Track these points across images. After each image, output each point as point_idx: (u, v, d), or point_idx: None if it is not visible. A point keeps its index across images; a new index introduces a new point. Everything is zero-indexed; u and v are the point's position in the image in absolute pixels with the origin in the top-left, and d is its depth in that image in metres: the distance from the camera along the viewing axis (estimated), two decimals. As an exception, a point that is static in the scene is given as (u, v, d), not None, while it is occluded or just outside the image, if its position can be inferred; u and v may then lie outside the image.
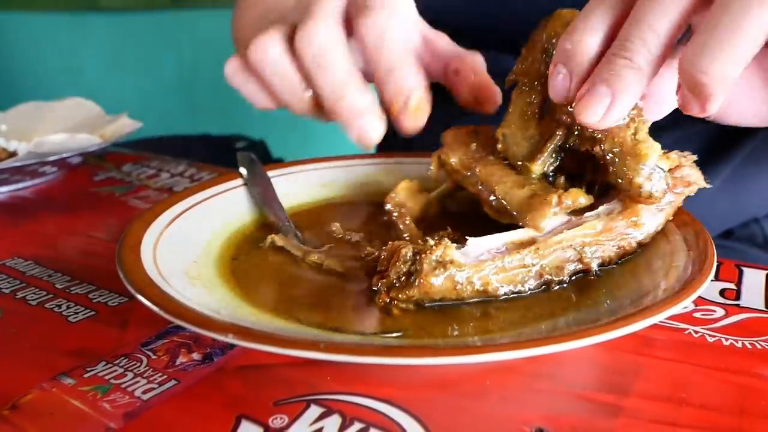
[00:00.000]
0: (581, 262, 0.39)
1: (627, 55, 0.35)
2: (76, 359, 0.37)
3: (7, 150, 0.76)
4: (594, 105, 0.36)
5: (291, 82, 0.44)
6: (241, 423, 0.32)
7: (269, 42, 0.43)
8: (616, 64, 0.35)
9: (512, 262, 0.38)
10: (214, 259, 0.45)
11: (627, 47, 0.35)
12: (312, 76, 0.43)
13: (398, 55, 0.43)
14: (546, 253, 0.38)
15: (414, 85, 0.43)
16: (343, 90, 0.42)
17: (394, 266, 0.38)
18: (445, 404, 0.33)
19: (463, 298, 0.38)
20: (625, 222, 0.40)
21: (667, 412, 0.32)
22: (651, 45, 0.35)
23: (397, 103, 0.43)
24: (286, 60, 0.44)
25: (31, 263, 0.51)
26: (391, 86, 0.43)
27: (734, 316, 0.40)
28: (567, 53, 0.37)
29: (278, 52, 0.44)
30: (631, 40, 0.35)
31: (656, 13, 0.34)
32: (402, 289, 0.37)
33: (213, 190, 0.51)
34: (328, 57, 0.42)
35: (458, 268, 0.37)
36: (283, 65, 0.44)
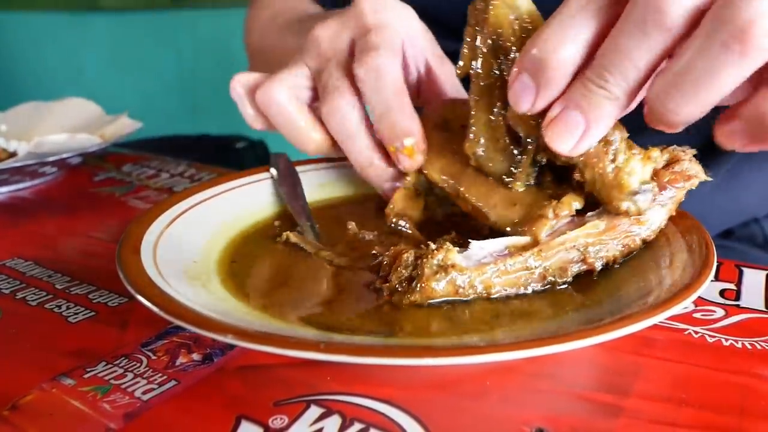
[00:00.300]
0: (585, 262, 0.39)
1: (604, 85, 0.33)
2: (76, 360, 0.37)
3: (7, 150, 0.77)
4: (566, 134, 0.35)
5: (297, 128, 0.48)
6: (241, 423, 0.32)
7: (276, 88, 0.47)
8: (592, 91, 0.34)
9: (515, 264, 0.38)
10: (214, 260, 0.45)
11: (605, 77, 0.33)
12: (340, 142, 0.47)
13: (391, 99, 0.44)
14: (549, 255, 0.38)
15: (407, 130, 0.44)
16: (371, 160, 0.47)
17: (396, 271, 0.38)
18: (445, 404, 0.33)
19: (465, 300, 0.38)
20: (628, 220, 0.39)
21: (667, 412, 0.32)
22: (630, 78, 0.33)
23: (393, 146, 0.45)
24: (294, 107, 0.47)
25: (31, 264, 0.51)
26: (386, 130, 0.44)
27: (734, 317, 0.40)
28: (536, 63, 0.34)
29: (285, 99, 0.47)
30: (609, 70, 0.33)
31: (639, 45, 0.32)
32: (404, 294, 0.37)
33: (213, 190, 0.51)
34: (350, 128, 0.46)
35: (459, 272, 0.37)
36: (288, 113, 0.47)
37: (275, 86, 0.47)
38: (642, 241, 0.40)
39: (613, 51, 0.33)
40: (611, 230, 0.39)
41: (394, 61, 0.45)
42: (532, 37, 0.35)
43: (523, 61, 0.35)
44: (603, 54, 0.33)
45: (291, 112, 0.47)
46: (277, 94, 0.47)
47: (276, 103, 0.47)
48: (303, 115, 0.47)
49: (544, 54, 0.34)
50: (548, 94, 0.35)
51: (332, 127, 0.46)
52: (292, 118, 0.47)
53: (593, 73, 0.33)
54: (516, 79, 0.36)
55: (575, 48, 0.34)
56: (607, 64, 0.33)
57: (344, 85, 0.45)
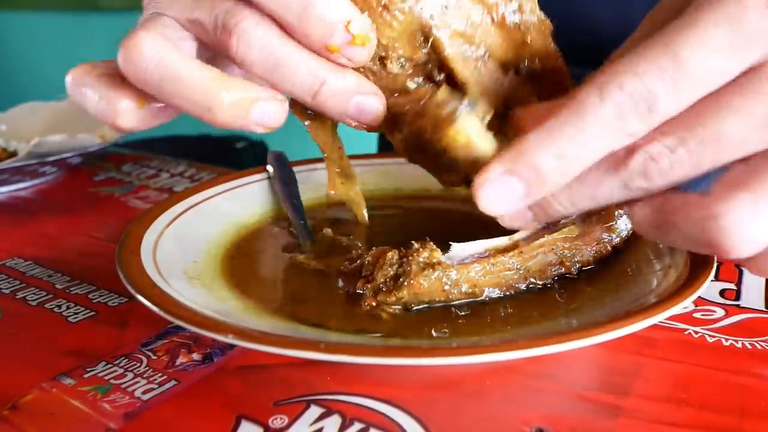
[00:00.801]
0: (563, 265, 0.40)
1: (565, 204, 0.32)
2: (76, 359, 0.37)
3: (7, 150, 0.77)
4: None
5: (199, 83, 0.34)
6: (241, 423, 0.32)
7: (146, 40, 0.34)
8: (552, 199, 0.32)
9: (497, 264, 0.38)
10: (214, 259, 0.45)
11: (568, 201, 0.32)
12: (272, 77, 0.35)
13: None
14: (529, 257, 0.39)
15: (342, 12, 0.33)
16: (321, 76, 0.34)
17: (381, 269, 0.38)
18: (445, 404, 0.33)
19: (451, 300, 0.38)
20: (601, 228, 0.41)
21: (667, 412, 0.32)
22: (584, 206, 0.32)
23: (333, 45, 0.34)
24: (182, 56, 0.34)
25: (31, 263, 0.51)
26: (315, 28, 0.33)
27: (734, 317, 0.40)
28: (534, 173, 0.30)
29: (165, 48, 0.34)
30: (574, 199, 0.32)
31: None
32: (389, 293, 0.37)
33: (213, 190, 0.51)
34: (275, 49, 0.34)
35: (445, 269, 0.37)
36: (178, 64, 0.34)
37: (142, 39, 0.34)
38: (612, 248, 0.42)
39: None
40: (585, 236, 0.41)
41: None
42: (535, 134, 0.30)
43: (516, 162, 0.30)
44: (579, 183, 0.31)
45: (180, 61, 0.34)
46: (150, 45, 0.33)
47: (155, 59, 0.33)
48: (199, 64, 0.34)
49: (550, 167, 0.30)
50: (533, 201, 0.32)
51: (253, 61, 0.34)
52: (187, 68, 0.34)
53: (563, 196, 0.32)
54: (498, 179, 0.31)
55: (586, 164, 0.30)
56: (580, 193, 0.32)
57: (238, 6, 0.34)
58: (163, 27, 0.35)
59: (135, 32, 0.34)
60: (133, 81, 0.34)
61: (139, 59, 0.33)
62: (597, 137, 0.29)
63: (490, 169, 0.31)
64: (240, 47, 0.34)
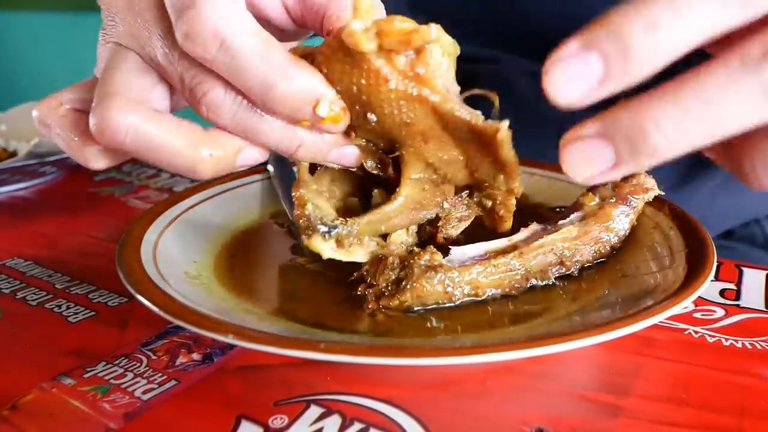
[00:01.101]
0: (563, 265, 0.40)
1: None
2: (76, 359, 0.37)
3: (7, 150, 0.77)
4: (588, 163, 0.28)
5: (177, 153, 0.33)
6: (241, 423, 0.32)
7: (119, 114, 0.32)
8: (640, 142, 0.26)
9: (498, 266, 0.39)
10: (214, 259, 0.45)
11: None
12: (247, 139, 0.35)
13: (259, 65, 0.31)
14: (529, 258, 0.39)
15: (310, 93, 0.32)
16: (296, 139, 0.34)
17: (382, 274, 0.38)
18: (445, 404, 0.33)
19: (453, 302, 0.38)
20: (598, 227, 0.42)
21: (667, 412, 0.32)
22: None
23: (303, 120, 0.33)
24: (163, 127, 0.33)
25: (31, 263, 0.51)
26: (282, 108, 0.32)
27: (734, 317, 0.40)
28: (619, 46, 0.25)
29: (137, 120, 0.33)
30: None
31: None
32: (392, 297, 0.37)
33: (213, 190, 0.51)
34: (243, 119, 0.34)
35: (447, 272, 0.37)
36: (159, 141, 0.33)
37: (115, 111, 0.32)
38: (611, 248, 0.42)
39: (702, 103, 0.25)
40: (583, 236, 0.41)
41: (233, 6, 0.31)
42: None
43: (595, 34, 0.25)
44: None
45: (157, 130, 0.33)
46: (122, 117, 0.32)
47: (131, 132, 0.32)
48: (176, 127, 0.33)
49: (636, 38, 0.24)
50: (616, 87, 0.26)
51: (225, 125, 0.34)
52: (165, 136, 0.33)
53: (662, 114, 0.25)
54: (573, 56, 0.26)
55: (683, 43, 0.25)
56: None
57: (203, 73, 0.33)
58: (129, 78, 0.34)
59: (104, 100, 0.33)
60: (109, 147, 0.34)
61: (114, 133, 0.32)
62: (703, 8, 0.24)
63: (567, 45, 0.26)
64: (210, 115, 0.34)
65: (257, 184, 0.54)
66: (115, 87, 0.33)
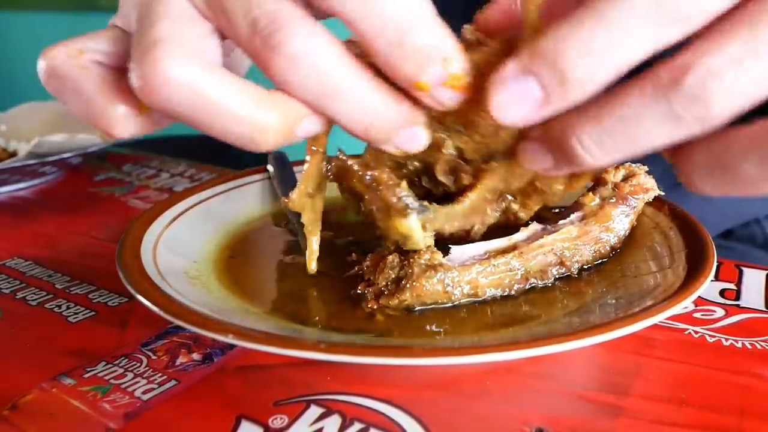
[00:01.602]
0: (563, 265, 0.40)
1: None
2: (76, 359, 0.37)
3: (7, 150, 0.77)
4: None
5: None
6: (241, 423, 0.32)
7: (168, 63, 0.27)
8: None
9: (498, 266, 0.38)
10: (214, 259, 0.45)
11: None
12: (318, 105, 0.29)
13: (403, 9, 0.27)
14: (529, 258, 0.39)
15: (444, 48, 0.28)
16: (376, 112, 0.29)
17: (382, 273, 0.38)
18: (445, 404, 0.33)
19: (453, 301, 0.38)
20: (598, 227, 0.42)
21: (667, 412, 0.32)
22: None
23: (423, 82, 0.28)
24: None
25: (31, 263, 0.51)
26: (408, 60, 0.28)
27: (734, 316, 0.40)
28: (554, 71, 0.25)
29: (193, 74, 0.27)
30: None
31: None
32: (392, 295, 0.37)
33: (213, 190, 0.51)
34: (333, 76, 0.28)
35: (447, 271, 0.37)
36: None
37: (166, 62, 0.27)
38: (611, 248, 0.42)
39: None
40: (583, 236, 0.41)
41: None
42: (555, 30, 0.25)
43: (533, 59, 0.25)
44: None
45: (216, 88, 0.27)
46: (177, 71, 0.27)
47: (185, 90, 0.27)
48: (237, 86, 0.28)
49: (570, 64, 0.25)
50: (556, 109, 0.26)
51: (297, 87, 0.28)
52: (225, 95, 0.27)
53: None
54: (513, 79, 0.26)
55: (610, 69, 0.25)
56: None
57: (285, 10, 0.27)
58: (179, 26, 0.28)
59: (152, 50, 0.27)
60: (155, 108, 0.28)
61: (166, 89, 0.27)
62: (636, 27, 0.24)
63: (506, 68, 0.26)
64: (283, 71, 0.27)
65: (257, 184, 0.54)
66: (164, 34, 0.27)
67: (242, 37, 0.28)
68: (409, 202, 0.36)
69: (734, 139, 0.25)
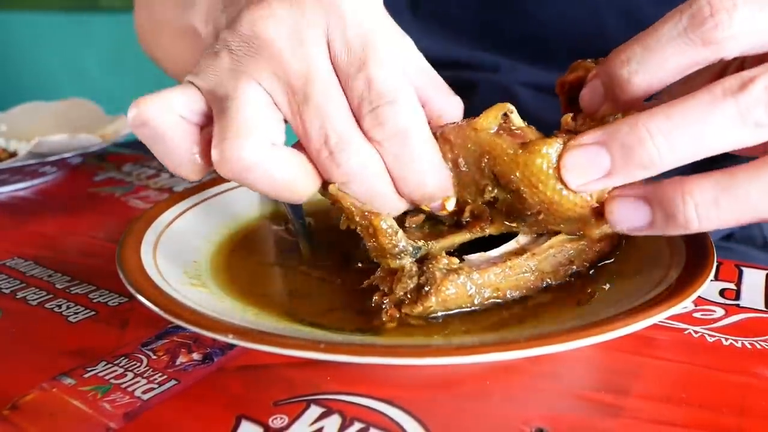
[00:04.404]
0: (573, 264, 0.40)
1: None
2: (76, 359, 0.37)
3: (7, 150, 0.77)
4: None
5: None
6: (241, 423, 0.32)
7: (249, 146, 0.33)
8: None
9: (514, 267, 0.38)
10: (214, 259, 0.45)
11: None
12: (363, 200, 0.36)
13: (421, 162, 0.35)
14: (542, 258, 0.39)
15: (443, 190, 0.37)
16: (398, 208, 0.37)
17: (400, 282, 0.37)
18: (446, 404, 0.33)
19: (476, 305, 0.37)
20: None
21: (667, 412, 0.32)
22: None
23: (428, 205, 0.37)
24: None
25: (32, 263, 0.51)
26: (417, 193, 0.36)
27: (734, 316, 0.40)
28: (627, 149, 0.32)
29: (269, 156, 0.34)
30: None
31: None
32: (414, 304, 0.37)
33: (213, 190, 0.51)
34: (376, 188, 0.36)
35: (468, 274, 0.37)
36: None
37: (243, 143, 0.33)
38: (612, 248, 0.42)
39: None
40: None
41: (419, 115, 0.35)
42: (640, 116, 0.32)
43: (612, 134, 0.32)
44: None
45: (281, 169, 0.34)
46: (250, 151, 0.33)
47: (257, 168, 0.34)
48: (297, 167, 0.35)
49: (647, 147, 0.31)
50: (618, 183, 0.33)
51: (348, 187, 0.35)
52: (287, 174, 0.35)
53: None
54: (586, 148, 0.33)
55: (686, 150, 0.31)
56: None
57: (352, 137, 0.34)
58: (258, 115, 0.33)
59: (232, 137, 0.33)
60: (227, 178, 0.34)
61: (238, 170, 0.33)
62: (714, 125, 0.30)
63: (589, 132, 0.33)
64: (340, 178, 0.35)
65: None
66: (244, 123, 0.33)
67: (312, 144, 0.34)
68: (403, 248, 0.38)
69: (739, 169, 0.30)
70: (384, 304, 0.37)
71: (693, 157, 0.31)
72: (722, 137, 0.31)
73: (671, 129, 0.31)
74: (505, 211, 0.37)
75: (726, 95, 0.30)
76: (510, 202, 0.37)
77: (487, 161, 0.36)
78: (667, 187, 0.32)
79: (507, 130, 0.36)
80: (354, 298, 0.40)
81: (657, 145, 0.31)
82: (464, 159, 0.36)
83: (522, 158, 0.34)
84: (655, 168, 0.32)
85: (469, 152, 0.36)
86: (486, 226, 0.39)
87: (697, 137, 0.31)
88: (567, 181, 0.33)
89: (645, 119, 0.31)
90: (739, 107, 0.30)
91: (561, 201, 0.35)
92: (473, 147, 0.36)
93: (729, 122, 0.30)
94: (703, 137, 0.31)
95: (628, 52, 0.34)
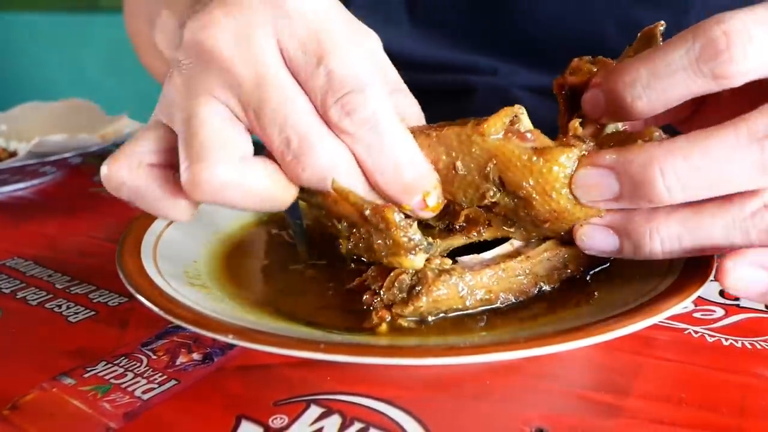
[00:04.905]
0: (568, 267, 0.40)
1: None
2: (76, 359, 0.37)
3: (7, 150, 0.77)
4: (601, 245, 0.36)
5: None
6: (241, 423, 0.32)
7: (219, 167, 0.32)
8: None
9: (507, 270, 0.38)
10: (214, 259, 0.45)
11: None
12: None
13: (396, 152, 0.34)
14: (536, 262, 0.39)
15: (425, 184, 0.35)
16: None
17: (396, 280, 0.37)
18: (446, 404, 0.33)
19: (468, 308, 0.37)
20: None
21: (667, 412, 0.32)
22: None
23: (408, 204, 0.35)
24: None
25: (32, 263, 0.51)
26: (397, 191, 0.35)
27: (734, 316, 0.40)
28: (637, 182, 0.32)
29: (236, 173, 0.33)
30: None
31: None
32: (405, 304, 0.37)
33: (213, 190, 0.51)
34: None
35: (460, 275, 0.37)
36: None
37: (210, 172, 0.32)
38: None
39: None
40: None
41: (388, 101, 0.33)
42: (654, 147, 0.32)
43: (625, 164, 0.32)
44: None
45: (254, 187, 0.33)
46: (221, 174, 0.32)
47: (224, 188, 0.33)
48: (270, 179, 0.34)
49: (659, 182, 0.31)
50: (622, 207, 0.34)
51: (319, 188, 0.35)
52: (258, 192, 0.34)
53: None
54: (598, 172, 0.33)
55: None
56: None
57: (315, 133, 0.32)
58: (222, 131, 0.32)
59: (198, 159, 0.32)
60: (201, 201, 0.34)
61: (210, 191, 0.32)
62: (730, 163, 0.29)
63: (602, 153, 0.33)
64: (307, 180, 0.33)
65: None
66: (207, 143, 0.32)
67: (275, 148, 0.33)
68: (418, 241, 0.37)
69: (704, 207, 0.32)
70: (375, 303, 0.38)
71: (702, 196, 0.31)
72: (738, 182, 0.30)
73: (687, 171, 0.30)
74: (504, 215, 0.37)
75: (752, 140, 0.29)
76: (512, 207, 0.36)
77: (493, 166, 0.35)
78: (636, 220, 0.34)
79: (515, 132, 0.35)
80: (353, 297, 0.40)
81: (668, 186, 0.31)
82: (464, 163, 0.36)
83: (537, 166, 0.34)
84: (662, 203, 0.32)
85: (473, 156, 0.36)
86: (483, 230, 0.39)
87: (713, 182, 0.30)
88: (576, 195, 0.34)
89: (661, 158, 0.31)
90: (764, 155, 0.29)
91: (573, 210, 0.35)
92: (478, 151, 0.35)
93: (749, 168, 0.30)
94: (719, 182, 0.30)
95: (633, 74, 0.33)
